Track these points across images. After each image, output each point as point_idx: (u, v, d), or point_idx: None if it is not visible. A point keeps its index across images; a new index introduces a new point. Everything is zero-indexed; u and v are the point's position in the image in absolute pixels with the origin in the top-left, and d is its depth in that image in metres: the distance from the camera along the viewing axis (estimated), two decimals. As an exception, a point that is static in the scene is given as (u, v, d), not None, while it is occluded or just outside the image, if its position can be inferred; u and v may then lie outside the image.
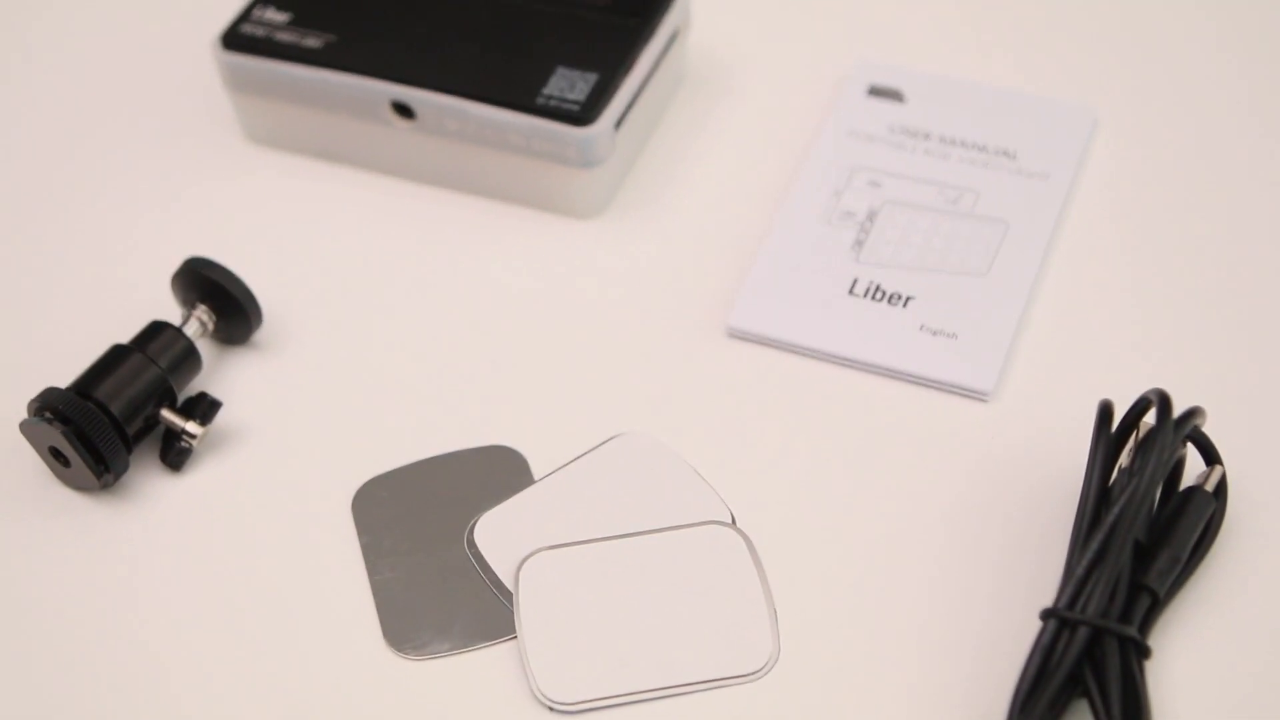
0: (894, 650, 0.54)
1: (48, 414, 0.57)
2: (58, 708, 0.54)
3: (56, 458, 0.58)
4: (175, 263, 0.62)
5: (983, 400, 0.60)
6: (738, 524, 0.57)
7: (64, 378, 0.60)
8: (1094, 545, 0.52)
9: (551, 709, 0.53)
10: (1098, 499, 0.54)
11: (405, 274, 0.66)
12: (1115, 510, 0.52)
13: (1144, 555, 0.53)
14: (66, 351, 0.61)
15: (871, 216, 0.65)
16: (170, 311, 0.63)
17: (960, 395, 0.60)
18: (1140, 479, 0.52)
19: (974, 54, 0.72)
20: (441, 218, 0.67)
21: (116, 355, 0.59)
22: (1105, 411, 0.55)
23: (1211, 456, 0.55)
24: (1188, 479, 0.55)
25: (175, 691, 0.54)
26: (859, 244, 0.64)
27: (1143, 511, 0.52)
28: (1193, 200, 0.66)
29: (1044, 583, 0.55)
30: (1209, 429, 0.55)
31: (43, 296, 0.66)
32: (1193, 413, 0.54)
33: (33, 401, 0.58)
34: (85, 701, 0.54)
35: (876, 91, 0.70)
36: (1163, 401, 0.53)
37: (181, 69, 0.73)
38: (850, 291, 0.63)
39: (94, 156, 0.71)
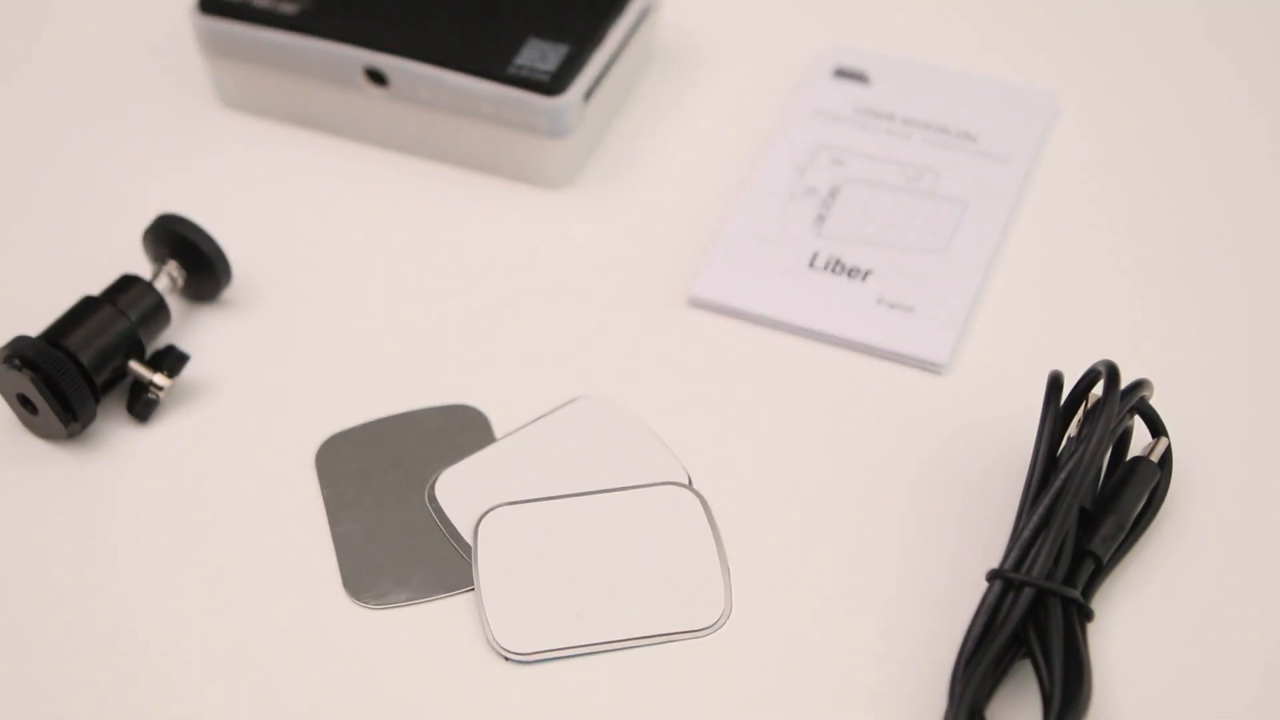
0: (844, 609, 0.55)
1: (17, 361, 0.58)
2: (20, 654, 0.55)
3: (24, 405, 0.59)
4: (148, 220, 0.63)
5: (937, 372, 0.61)
6: (694, 485, 0.58)
7: (34, 327, 0.60)
8: (1040, 509, 0.53)
9: (507, 659, 0.54)
10: (1045, 466, 0.55)
11: (374, 238, 0.67)
12: (1061, 476, 0.53)
13: (1090, 522, 0.54)
14: (37, 302, 0.62)
15: (834, 193, 0.66)
16: (142, 267, 0.63)
17: (916, 367, 0.61)
18: (1086, 446, 0.53)
19: (941, 39, 0.74)
20: (412, 184, 0.68)
21: (87, 306, 0.60)
22: (1055, 382, 0.57)
23: (1157, 428, 0.56)
24: (1134, 451, 0.57)
25: (137, 638, 0.55)
26: (821, 219, 0.65)
27: (1088, 478, 0.53)
28: (1147, 186, 0.67)
29: (993, 547, 0.56)
30: (1156, 402, 0.57)
31: (14, 248, 0.66)
32: (1139, 384, 0.55)
33: (2, 349, 0.59)
34: (47, 648, 0.55)
35: (843, 73, 0.71)
36: (1110, 373, 0.54)
37: (158, 31, 0.74)
38: (811, 265, 0.64)
39: (70, 117, 0.71)
